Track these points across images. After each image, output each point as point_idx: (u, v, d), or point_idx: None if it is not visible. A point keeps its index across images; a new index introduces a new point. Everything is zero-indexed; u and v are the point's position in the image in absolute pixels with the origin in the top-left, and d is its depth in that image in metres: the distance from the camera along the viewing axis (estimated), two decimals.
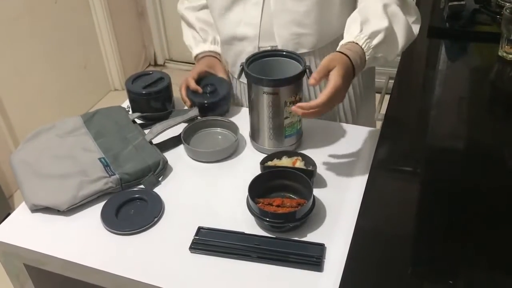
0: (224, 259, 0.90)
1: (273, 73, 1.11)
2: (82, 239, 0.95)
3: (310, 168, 1.03)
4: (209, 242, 0.92)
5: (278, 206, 0.96)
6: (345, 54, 0.96)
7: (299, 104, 0.95)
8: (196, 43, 1.33)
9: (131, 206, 1.01)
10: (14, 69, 2.39)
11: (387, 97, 1.32)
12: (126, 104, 1.32)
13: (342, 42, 1.01)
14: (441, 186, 0.97)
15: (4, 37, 2.30)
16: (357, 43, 0.99)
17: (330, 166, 1.09)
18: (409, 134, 1.15)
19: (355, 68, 0.97)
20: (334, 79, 0.92)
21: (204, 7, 1.31)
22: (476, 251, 0.83)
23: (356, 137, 1.18)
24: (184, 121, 1.19)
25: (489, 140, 1.10)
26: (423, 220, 0.91)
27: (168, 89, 1.27)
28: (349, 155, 1.13)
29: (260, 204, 0.95)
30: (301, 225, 0.94)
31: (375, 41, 1.00)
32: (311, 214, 0.93)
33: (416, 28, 1.09)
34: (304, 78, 1.07)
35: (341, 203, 1.00)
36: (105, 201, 1.01)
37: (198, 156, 1.13)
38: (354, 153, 1.13)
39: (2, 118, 2.34)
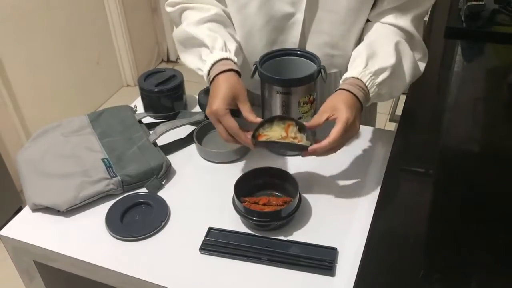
0: (234, 261, 0.89)
1: (287, 72, 1.09)
2: (90, 238, 0.95)
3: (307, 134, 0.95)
4: (220, 243, 0.91)
5: (264, 204, 0.95)
6: (349, 91, 0.94)
7: (313, 147, 0.91)
8: (204, 58, 1.04)
9: (136, 212, 0.99)
10: (27, 64, 2.40)
11: (402, 98, 1.30)
12: (138, 101, 1.31)
13: (345, 76, 0.98)
14: (457, 189, 0.96)
15: (18, 32, 2.31)
16: (361, 80, 0.95)
17: (344, 168, 1.08)
18: (424, 136, 1.13)
19: (361, 102, 0.94)
20: (342, 114, 0.90)
21: (211, 19, 1.07)
22: (490, 256, 0.81)
23: (371, 139, 1.16)
24: (190, 123, 1.18)
25: (505, 143, 1.08)
26: (438, 224, 0.89)
27: (180, 87, 1.26)
28: (364, 156, 1.11)
29: (246, 203, 0.94)
30: (287, 223, 0.93)
31: (380, 78, 0.96)
32: (297, 212, 0.93)
33: (422, 66, 1.06)
34: (319, 78, 1.05)
35: (354, 206, 0.98)
36: (110, 203, 1.00)
37: (211, 157, 1.12)
38: (368, 155, 1.11)
39: (15, 113, 2.35)
